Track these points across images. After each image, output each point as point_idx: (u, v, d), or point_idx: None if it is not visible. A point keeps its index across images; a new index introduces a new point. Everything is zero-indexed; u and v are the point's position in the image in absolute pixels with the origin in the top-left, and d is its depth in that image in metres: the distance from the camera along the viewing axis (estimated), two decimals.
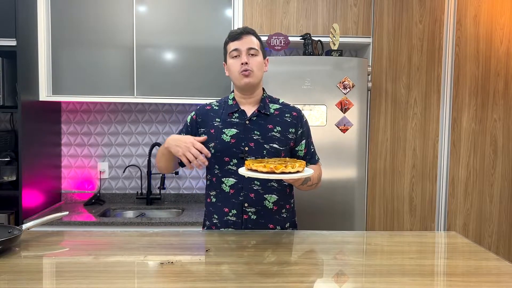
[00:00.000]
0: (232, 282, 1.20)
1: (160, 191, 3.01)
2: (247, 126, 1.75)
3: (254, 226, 1.74)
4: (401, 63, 2.70)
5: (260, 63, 1.75)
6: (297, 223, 1.89)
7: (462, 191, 2.75)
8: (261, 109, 1.77)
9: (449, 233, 1.86)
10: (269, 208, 1.75)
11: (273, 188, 1.75)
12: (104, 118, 3.04)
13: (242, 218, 1.74)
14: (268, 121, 1.76)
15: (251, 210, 1.73)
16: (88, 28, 2.69)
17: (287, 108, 1.82)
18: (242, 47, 1.72)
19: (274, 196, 1.75)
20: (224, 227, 1.76)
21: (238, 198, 1.73)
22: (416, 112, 2.72)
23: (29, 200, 2.55)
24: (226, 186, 1.75)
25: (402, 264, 1.38)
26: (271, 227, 1.76)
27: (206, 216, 1.85)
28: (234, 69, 1.74)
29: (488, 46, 2.71)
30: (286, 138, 1.76)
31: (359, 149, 2.51)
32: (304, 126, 1.83)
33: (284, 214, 1.80)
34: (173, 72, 2.73)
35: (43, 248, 1.48)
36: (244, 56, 1.71)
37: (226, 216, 1.75)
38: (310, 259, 1.41)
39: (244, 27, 1.80)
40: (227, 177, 1.74)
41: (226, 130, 1.74)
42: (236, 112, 1.77)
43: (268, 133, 1.74)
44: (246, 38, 1.74)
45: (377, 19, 2.68)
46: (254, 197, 1.73)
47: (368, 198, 2.71)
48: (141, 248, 1.50)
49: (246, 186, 1.72)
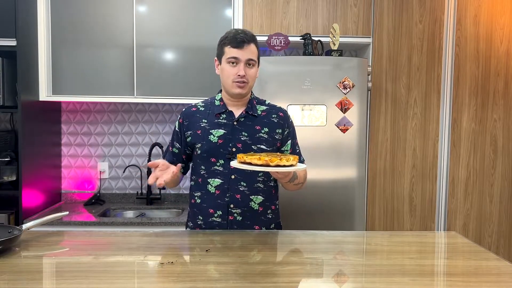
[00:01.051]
0: (232, 282, 1.20)
1: (160, 191, 3.01)
2: (235, 127, 1.74)
3: (239, 227, 1.73)
4: (401, 63, 2.70)
5: (255, 74, 1.74)
6: (281, 224, 1.88)
7: (462, 191, 2.75)
8: (248, 110, 1.76)
9: (449, 233, 1.87)
10: (255, 209, 1.74)
11: (259, 189, 1.74)
12: (104, 118, 3.04)
13: (228, 220, 1.73)
14: (256, 122, 1.76)
15: (236, 212, 1.73)
16: (88, 28, 2.69)
17: (274, 109, 1.82)
18: (242, 57, 1.68)
19: (260, 197, 1.75)
20: (208, 228, 1.75)
21: (224, 199, 1.72)
22: (416, 112, 2.72)
23: (29, 200, 2.55)
24: (212, 187, 1.74)
25: (402, 264, 1.38)
26: (257, 228, 1.76)
27: (189, 217, 1.84)
28: (228, 75, 1.70)
29: (488, 46, 2.71)
30: (273, 139, 1.76)
31: (359, 149, 2.51)
32: (290, 127, 1.83)
33: (270, 215, 1.79)
34: (173, 72, 2.73)
35: (43, 248, 1.48)
36: (242, 68, 1.67)
37: (211, 217, 1.74)
38: (310, 259, 1.41)
39: (245, 32, 1.72)
40: (213, 177, 1.74)
41: (213, 131, 1.74)
42: (223, 113, 1.76)
43: (255, 134, 1.74)
44: (247, 47, 1.68)
45: (377, 19, 2.68)
46: (240, 198, 1.72)
47: (368, 198, 2.71)
48: (141, 248, 1.50)
49: (232, 187, 1.72)
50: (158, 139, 3.05)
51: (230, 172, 1.72)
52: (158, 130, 3.06)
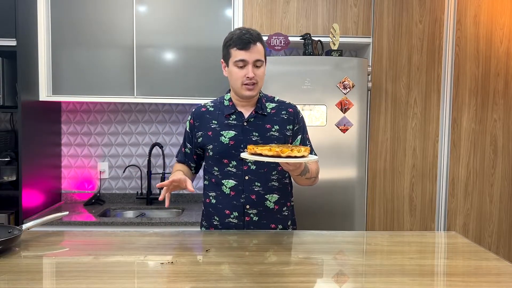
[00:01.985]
0: (232, 282, 1.20)
1: (160, 191, 3.00)
2: (245, 127, 1.74)
3: (256, 227, 1.74)
4: (401, 63, 2.70)
5: (263, 73, 1.72)
6: (296, 221, 1.89)
7: (462, 191, 2.75)
8: (258, 109, 1.76)
9: (449, 233, 1.86)
10: (271, 208, 1.74)
11: (274, 188, 1.74)
12: (104, 118, 3.04)
13: (244, 220, 1.73)
14: (266, 121, 1.76)
15: (252, 212, 1.73)
16: (88, 28, 2.69)
17: (283, 105, 1.81)
18: (250, 59, 1.65)
19: (275, 196, 1.75)
20: (225, 229, 1.75)
21: (239, 200, 1.72)
22: (416, 112, 2.72)
23: (29, 200, 2.55)
24: (226, 188, 1.74)
25: (402, 264, 1.37)
26: (273, 227, 1.76)
27: (204, 216, 1.85)
28: (237, 78, 1.68)
29: (488, 46, 2.71)
30: (285, 135, 1.76)
31: (359, 149, 2.51)
32: (300, 122, 1.82)
33: (285, 212, 1.80)
34: (173, 72, 2.73)
35: (43, 248, 1.48)
36: (251, 70, 1.65)
37: (228, 218, 1.74)
38: (310, 259, 1.41)
39: (250, 32, 1.68)
40: (226, 179, 1.74)
41: (224, 132, 1.73)
42: (233, 114, 1.76)
43: (266, 133, 1.74)
44: (254, 48, 1.65)
45: (377, 19, 2.68)
46: (255, 198, 1.72)
47: (368, 198, 2.71)
48: (141, 248, 1.50)
49: (247, 188, 1.72)
50: (158, 139, 3.05)
51: (243, 173, 1.72)
52: (158, 130, 3.06)
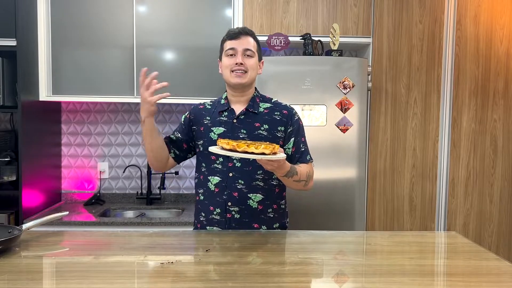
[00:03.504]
0: (232, 282, 1.20)
1: (160, 191, 3.01)
2: (235, 124, 1.76)
3: (238, 225, 1.74)
4: (401, 63, 2.70)
5: (254, 65, 1.76)
6: (287, 225, 1.86)
7: (462, 191, 2.75)
8: (249, 107, 1.77)
9: (449, 233, 1.86)
10: (253, 208, 1.74)
11: (258, 187, 1.74)
12: (104, 118, 3.04)
13: (226, 217, 1.74)
14: (256, 120, 1.76)
15: (234, 209, 1.73)
16: (88, 28, 2.69)
17: (278, 107, 1.82)
18: (239, 47, 1.72)
19: (259, 195, 1.74)
20: (210, 225, 1.77)
21: (222, 197, 1.74)
22: (416, 112, 2.72)
23: (29, 200, 2.55)
24: (212, 184, 1.75)
25: (402, 264, 1.37)
26: (256, 227, 1.75)
27: (195, 213, 1.87)
28: (226, 66, 1.74)
29: (488, 46, 2.71)
30: (275, 136, 1.75)
31: (359, 149, 2.51)
32: (295, 124, 1.80)
33: (271, 214, 1.78)
34: (173, 72, 2.73)
35: (43, 248, 1.48)
36: (240, 57, 1.72)
37: (211, 214, 1.76)
38: (310, 259, 1.41)
39: (243, 27, 1.80)
40: (212, 175, 1.75)
41: (214, 129, 1.76)
42: (225, 111, 1.79)
43: (254, 131, 1.74)
44: (244, 38, 1.74)
45: (377, 19, 2.68)
46: (237, 196, 1.73)
47: (368, 198, 2.71)
48: (141, 248, 1.50)
49: (230, 185, 1.73)
50: None
51: (228, 170, 1.73)
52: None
